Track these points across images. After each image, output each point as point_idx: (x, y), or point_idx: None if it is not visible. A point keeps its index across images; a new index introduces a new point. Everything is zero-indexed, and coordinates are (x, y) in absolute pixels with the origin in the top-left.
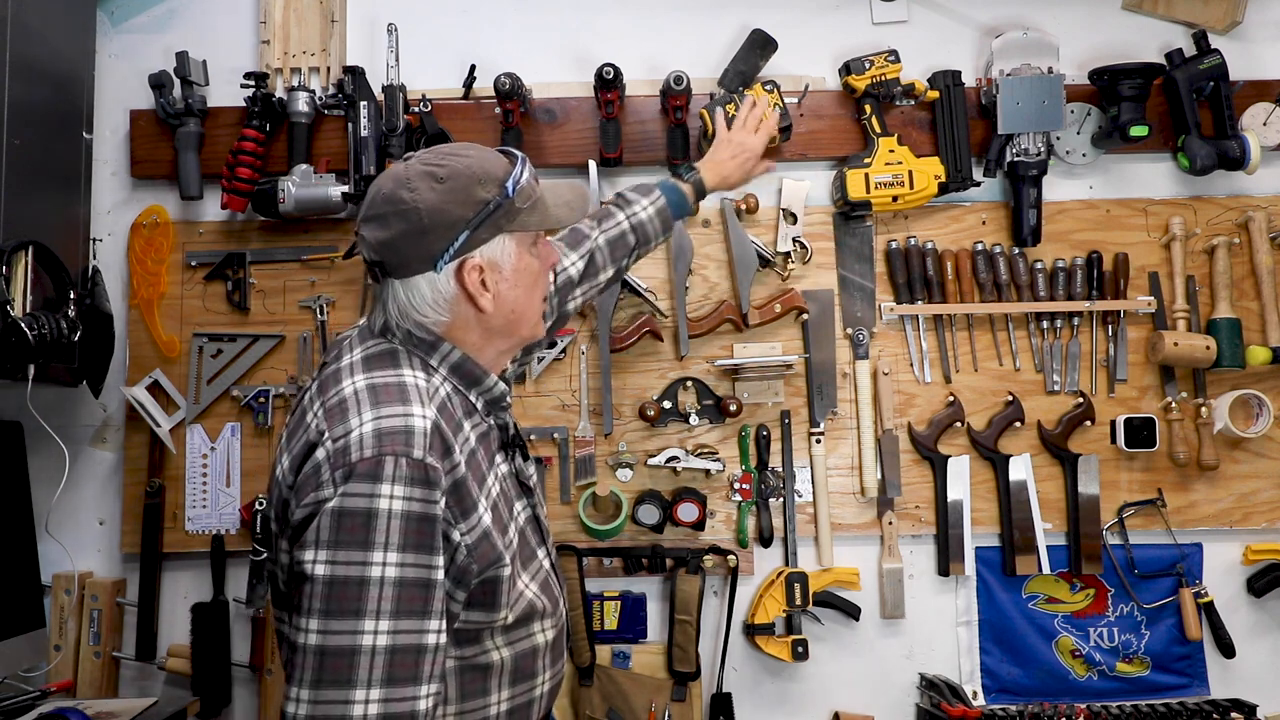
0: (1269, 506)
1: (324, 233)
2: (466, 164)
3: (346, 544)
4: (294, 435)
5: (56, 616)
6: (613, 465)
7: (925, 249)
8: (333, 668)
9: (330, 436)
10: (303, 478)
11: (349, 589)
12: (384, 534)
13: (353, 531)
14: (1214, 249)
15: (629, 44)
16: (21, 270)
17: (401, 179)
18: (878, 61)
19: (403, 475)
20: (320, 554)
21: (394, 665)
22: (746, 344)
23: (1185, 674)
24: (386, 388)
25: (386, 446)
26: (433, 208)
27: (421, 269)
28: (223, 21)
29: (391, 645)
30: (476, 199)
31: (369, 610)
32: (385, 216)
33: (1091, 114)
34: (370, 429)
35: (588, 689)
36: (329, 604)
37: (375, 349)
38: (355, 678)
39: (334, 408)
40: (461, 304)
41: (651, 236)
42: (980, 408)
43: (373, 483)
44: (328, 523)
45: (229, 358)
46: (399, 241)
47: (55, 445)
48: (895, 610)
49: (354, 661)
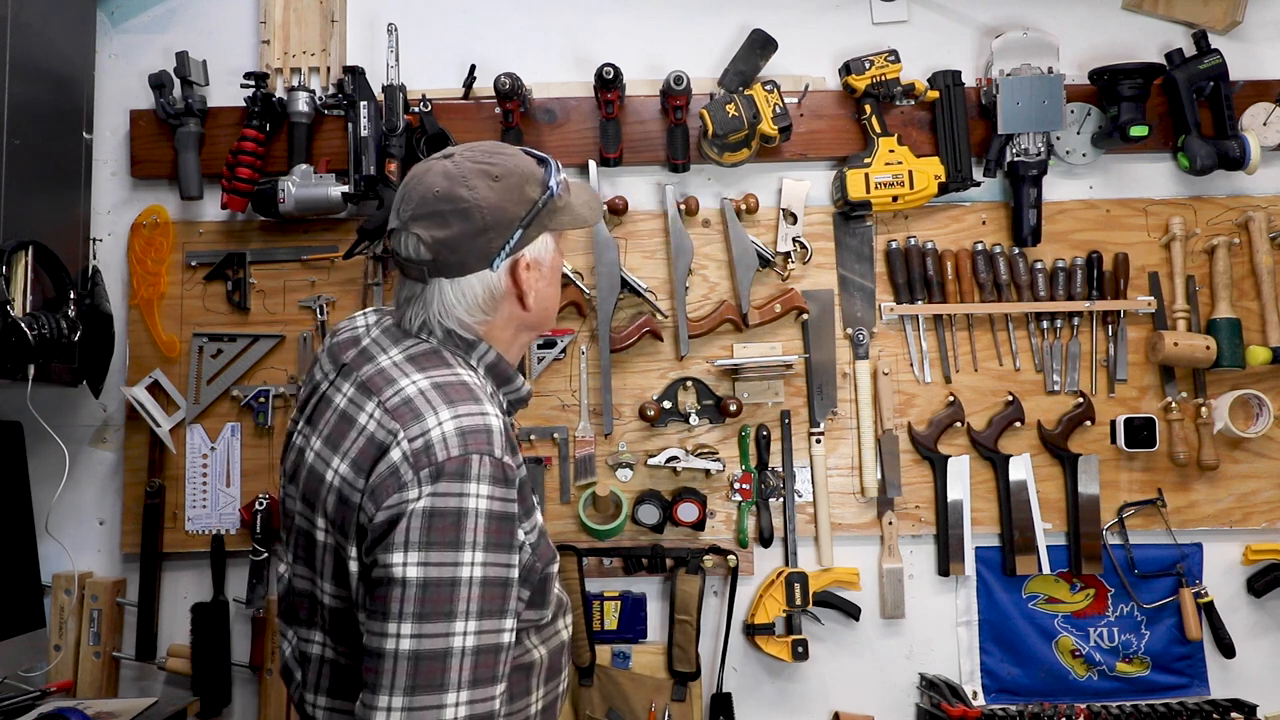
0: (1269, 506)
1: (324, 233)
2: (515, 163)
3: (438, 545)
4: (342, 436)
5: (56, 616)
6: (613, 465)
7: (925, 249)
8: (428, 672)
9: (406, 436)
10: (378, 480)
11: (442, 590)
12: (472, 533)
13: (444, 532)
14: (1214, 249)
15: (629, 44)
16: (21, 270)
17: (456, 177)
18: (878, 61)
19: (487, 474)
20: (411, 556)
21: (479, 666)
22: (746, 344)
23: (1185, 674)
24: (453, 387)
25: (471, 445)
26: (493, 206)
27: (478, 267)
28: (223, 21)
29: (477, 645)
30: (528, 198)
31: (460, 611)
32: (444, 215)
33: (1091, 114)
34: (452, 427)
35: (588, 689)
36: (423, 606)
37: (417, 348)
38: (448, 680)
39: (399, 407)
40: (508, 302)
41: None
42: (980, 408)
43: (461, 482)
44: (418, 524)
45: (229, 358)
46: (459, 240)
47: (55, 445)
48: (895, 610)
49: (447, 664)
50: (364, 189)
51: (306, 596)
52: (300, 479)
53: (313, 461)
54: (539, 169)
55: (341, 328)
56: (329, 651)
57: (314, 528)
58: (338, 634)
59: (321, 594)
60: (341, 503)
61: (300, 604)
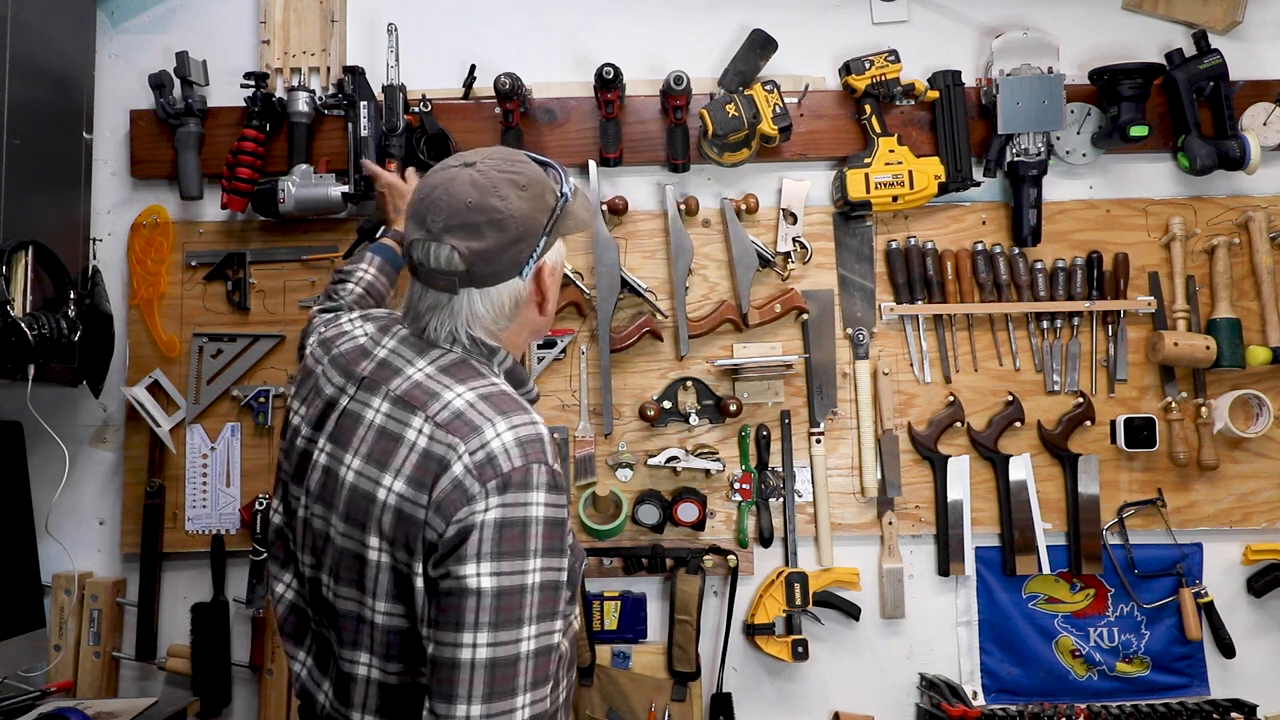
0: (1269, 506)
1: (324, 233)
2: (534, 171)
3: (509, 554)
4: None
5: (56, 616)
6: (613, 465)
7: (925, 249)
8: (503, 678)
9: (467, 449)
10: (442, 495)
11: (514, 598)
12: (536, 540)
13: (513, 541)
14: (1214, 249)
15: (629, 44)
16: (21, 270)
17: (487, 188)
18: (878, 61)
19: (544, 482)
20: (484, 566)
21: (538, 668)
22: (746, 344)
23: (1185, 674)
24: (499, 397)
25: (531, 455)
26: (524, 215)
27: (510, 276)
28: (223, 21)
29: (537, 648)
30: (548, 205)
31: (528, 617)
32: (478, 226)
33: (1091, 114)
34: (511, 438)
35: (588, 689)
36: (498, 615)
37: (445, 359)
38: (518, 684)
39: (451, 421)
40: (529, 308)
41: (384, 293)
42: (980, 408)
43: (525, 491)
44: (490, 535)
45: (229, 358)
46: (495, 251)
47: (55, 445)
48: (895, 610)
49: (517, 669)
50: (364, 189)
51: (352, 618)
52: (335, 499)
53: (354, 481)
54: (549, 175)
55: (339, 337)
56: (376, 672)
57: (364, 548)
58: (389, 653)
59: (373, 613)
60: (402, 520)
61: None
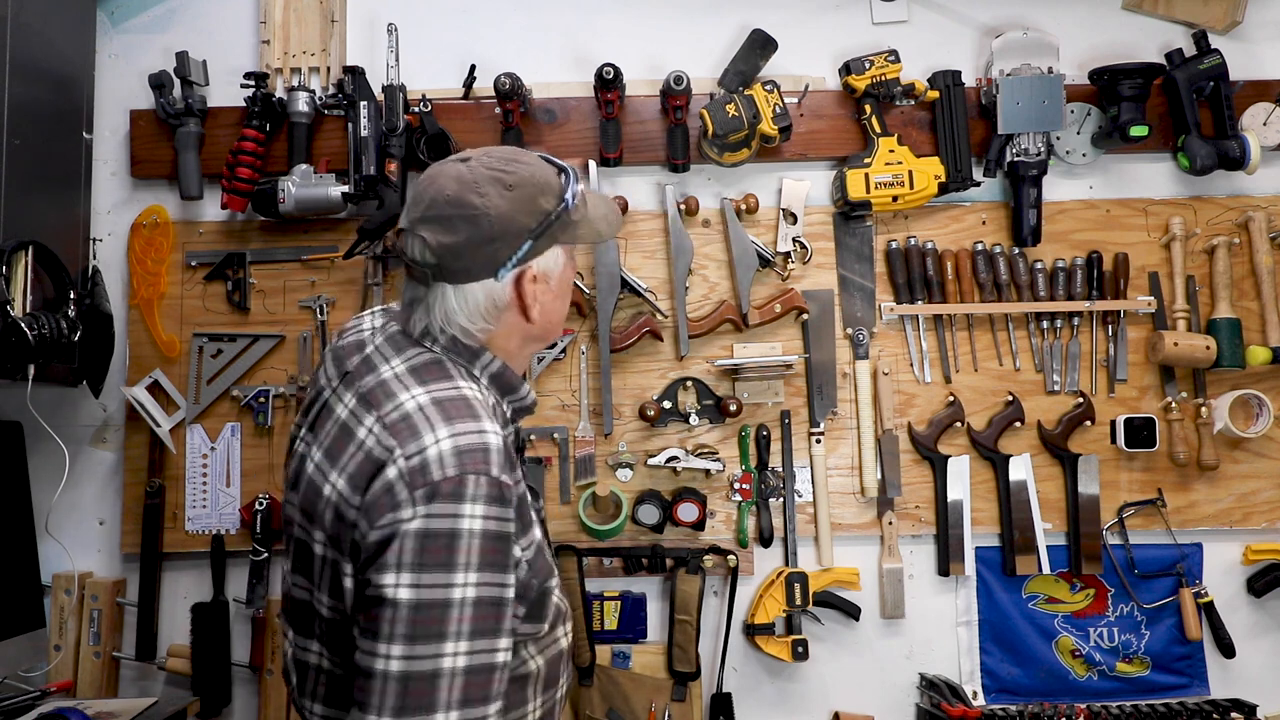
0: (1269, 506)
1: (324, 233)
2: (531, 172)
3: (431, 566)
4: (341, 450)
5: (56, 616)
6: (613, 465)
7: (925, 249)
8: (417, 693)
9: (403, 454)
10: (372, 498)
11: (434, 612)
12: (466, 554)
13: (437, 554)
14: (1214, 249)
15: (629, 44)
16: (21, 270)
17: (468, 182)
18: (878, 61)
19: (483, 494)
20: (403, 577)
21: (470, 685)
22: (746, 344)
23: (1185, 674)
24: (453, 403)
25: (468, 465)
26: (502, 215)
27: (482, 276)
28: (223, 21)
29: (469, 666)
30: (541, 209)
31: (451, 633)
32: (451, 220)
33: (1091, 114)
34: (449, 446)
35: (588, 689)
36: (414, 628)
37: (419, 358)
38: (436, 700)
39: (398, 423)
40: (510, 312)
41: None
42: (980, 408)
43: (456, 503)
44: (411, 545)
45: (229, 358)
46: (464, 247)
47: (55, 445)
48: (895, 610)
49: (435, 685)
50: (364, 189)
51: (305, 606)
52: (300, 488)
53: (312, 473)
54: (556, 179)
55: (348, 329)
56: (325, 661)
57: (312, 540)
58: (334, 645)
59: (319, 605)
60: (338, 518)
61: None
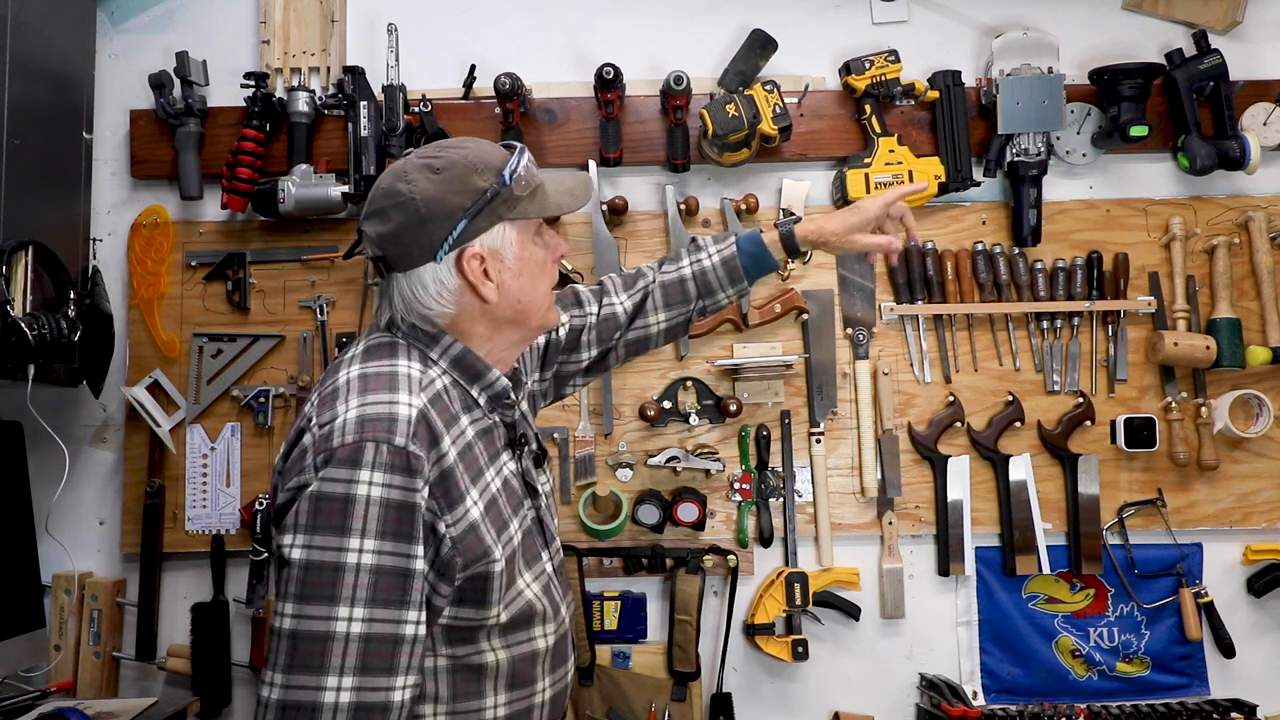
0: (1269, 506)
1: (324, 233)
2: (463, 154)
3: (323, 529)
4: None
5: (56, 616)
6: (613, 465)
7: (925, 249)
8: (305, 652)
9: (317, 423)
10: (289, 464)
11: (324, 574)
12: (361, 520)
13: (330, 517)
14: (1214, 249)
15: (629, 44)
16: (21, 270)
17: (399, 173)
18: (878, 61)
19: (383, 462)
20: (298, 538)
21: (368, 654)
22: (746, 344)
23: (1185, 674)
24: (377, 376)
25: (368, 432)
26: (430, 197)
27: (423, 260)
28: (223, 21)
29: (366, 634)
30: (474, 187)
31: (344, 597)
32: (385, 210)
33: (1091, 114)
34: (354, 415)
35: (588, 689)
36: (304, 589)
37: (375, 341)
38: (328, 663)
39: (326, 396)
40: (465, 295)
41: (715, 288)
42: (980, 408)
43: (351, 468)
44: (306, 507)
45: (229, 358)
46: (399, 234)
47: (55, 445)
48: (895, 610)
49: (326, 647)
50: (364, 189)
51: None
52: None
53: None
54: (497, 159)
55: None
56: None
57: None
58: None
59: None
60: (273, 489)
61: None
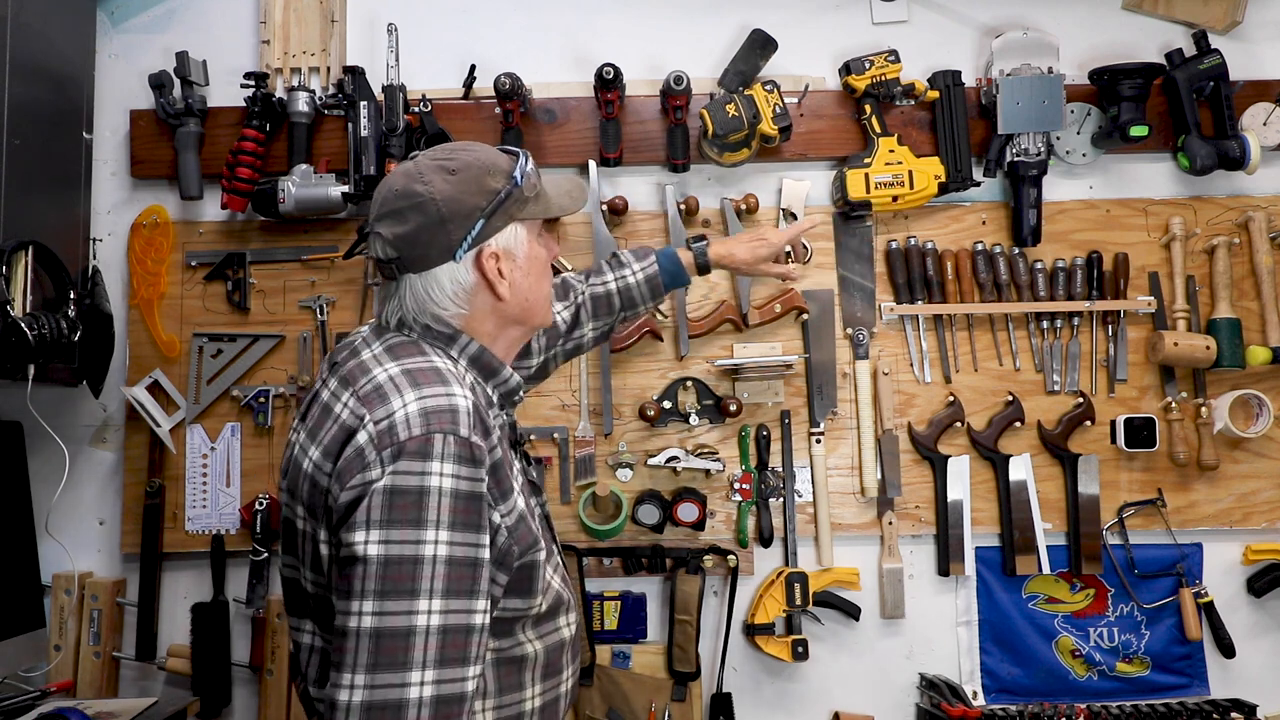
0: (1269, 506)
1: (324, 233)
2: (475, 156)
3: (399, 523)
4: (320, 428)
5: (56, 616)
6: (613, 465)
7: (925, 249)
8: (389, 650)
9: (372, 419)
10: (344, 462)
11: (403, 568)
12: (435, 511)
13: (405, 510)
14: (1214, 249)
15: (629, 44)
16: (21, 270)
17: (413, 174)
18: (878, 61)
19: (451, 453)
20: (372, 534)
21: (446, 645)
22: (746, 344)
23: (1185, 674)
24: (422, 371)
25: (435, 424)
26: (449, 198)
27: (441, 260)
28: (223, 21)
29: (444, 625)
30: (488, 188)
31: (423, 590)
32: (401, 211)
33: (1091, 114)
34: (416, 408)
35: (588, 689)
36: (384, 584)
37: (395, 341)
38: (411, 659)
39: (370, 394)
40: (480, 293)
41: (637, 302)
42: (980, 408)
43: (424, 460)
44: (379, 502)
45: (229, 358)
46: (418, 234)
47: (55, 445)
48: (895, 610)
49: (409, 642)
50: (364, 189)
51: (293, 584)
52: (289, 472)
53: (296, 454)
54: (504, 162)
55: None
56: (318, 640)
57: (295, 516)
58: (322, 622)
59: (305, 581)
60: (314, 488)
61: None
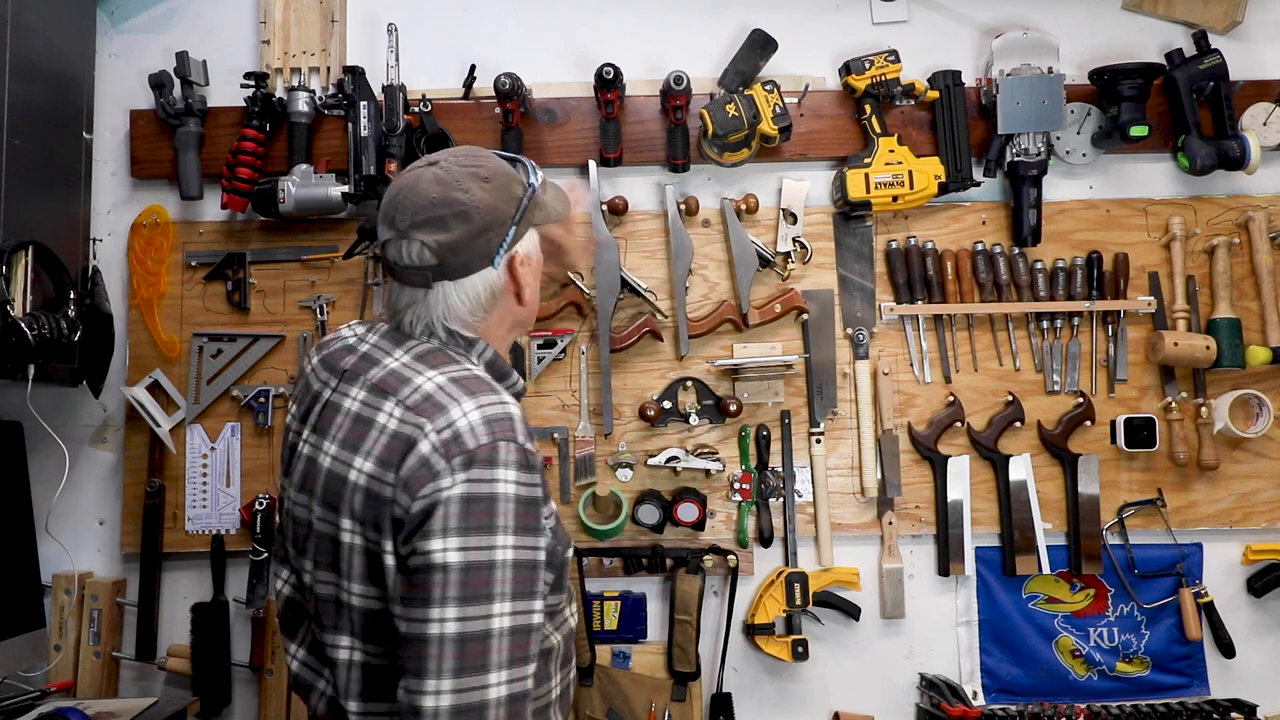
0: (1269, 506)
1: (324, 233)
2: (497, 165)
3: (475, 529)
4: (359, 438)
5: (56, 616)
6: (613, 465)
7: (925, 249)
8: (473, 653)
9: (434, 428)
10: (408, 472)
11: (481, 573)
12: (504, 517)
13: (479, 517)
14: (1214, 249)
15: (629, 44)
16: (21, 270)
17: (449, 182)
18: (878, 61)
19: (514, 460)
20: (450, 541)
21: (514, 646)
22: (746, 344)
23: (1185, 674)
24: (469, 379)
25: (498, 432)
26: (489, 206)
27: (480, 266)
28: (222, 21)
29: (514, 626)
30: (515, 195)
31: (498, 593)
32: (444, 219)
33: (1091, 114)
34: (478, 416)
35: (588, 689)
36: (465, 590)
37: (421, 348)
38: (489, 660)
39: (421, 404)
40: (506, 298)
41: None
42: (980, 408)
43: (491, 468)
44: (455, 510)
45: (229, 358)
46: (462, 242)
47: (55, 445)
48: (895, 610)
49: (488, 645)
50: (364, 189)
51: (331, 601)
52: (315, 487)
53: (330, 466)
54: (514, 168)
55: (328, 339)
56: (358, 654)
57: (338, 530)
58: (369, 635)
59: (349, 596)
60: (371, 498)
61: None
